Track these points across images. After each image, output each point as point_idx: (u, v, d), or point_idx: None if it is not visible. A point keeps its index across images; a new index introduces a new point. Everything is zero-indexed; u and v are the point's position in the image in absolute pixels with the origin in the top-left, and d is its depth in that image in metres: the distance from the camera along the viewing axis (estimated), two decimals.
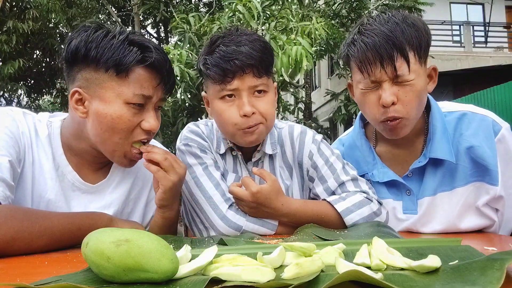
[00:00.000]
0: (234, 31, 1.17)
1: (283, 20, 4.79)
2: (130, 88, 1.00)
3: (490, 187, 1.12)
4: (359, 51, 1.09)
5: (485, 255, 0.63)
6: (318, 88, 16.33)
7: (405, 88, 1.08)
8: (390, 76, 1.07)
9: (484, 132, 1.14)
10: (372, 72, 1.08)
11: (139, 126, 1.03)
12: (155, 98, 1.05)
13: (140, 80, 1.01)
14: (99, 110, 1.00)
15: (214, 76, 1.11)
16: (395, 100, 1.07)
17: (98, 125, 1.01)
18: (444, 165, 1.16)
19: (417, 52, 1.08)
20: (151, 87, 1.03)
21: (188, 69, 4.69)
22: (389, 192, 1.22)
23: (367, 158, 1.27)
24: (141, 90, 1.01)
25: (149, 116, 1.04)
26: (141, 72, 1.01)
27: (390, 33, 1.06)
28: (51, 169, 1.08)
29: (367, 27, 1.10)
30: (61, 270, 0.74)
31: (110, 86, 1.00)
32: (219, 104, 1.14)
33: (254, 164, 1.27)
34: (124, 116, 1.00)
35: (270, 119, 1.16)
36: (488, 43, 13.54)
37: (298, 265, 0.58)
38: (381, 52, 1.05)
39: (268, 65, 1.14)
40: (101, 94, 1.00)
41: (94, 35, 1.00)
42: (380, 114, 1.11)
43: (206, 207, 1.14)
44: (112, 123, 1.00)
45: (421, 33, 1.09)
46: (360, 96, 1.16)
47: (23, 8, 8.13)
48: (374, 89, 1.11)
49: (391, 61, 1.05)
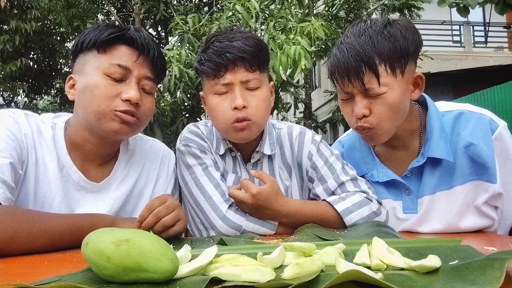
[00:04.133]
0: (229, 30, 1.19)
1: (282, 20, 4.79)
2: (108, 59, 1.06)
3: (489, 185, 1.13)
4: (332, 65, 1.13)
5: (485, 255, 0.63)
6: (318, 88, 16.33)
7: (377, 101, 1.09)
8: (359, 89, 1.09)
9: (482, 130, 1.14)
10: (343, 86, 1.12)
11: (119, 97, 1.05)
12: (136, 72, 1.07)
13: (119, 54, 1.07)
14: (81, 83, 1.07)
15: (208, 71, 1.14)
16: (366, 113, 1.10)
17: (82, 97, 1.07)
18: (442, 164, 1.16)
19: (389, 65, 1.07)
20: (129, 61, 1.07)
21: (187, 69, 4.69)
22: (389, 192, 1.23)
23: (366, 159, 1.27)
24: (117, 60, 1.06)
25: (129, 87, 1.06)
26: (120, 48, 1.08)
27: (360, 48, 1.07)
28: (56, 169, 1.09)
29: (345, 40, 1.12)
30: (61, 270, 0.74)
31: (91, 61, 1.07)
32: (213, 99, 1.16)
33: (253, 165, 1.27)
34: (100, 84, 1.04)
35: (261, 115, 1.16)
36: (488, 43, 13.53)
37: (298, 265, 0.58)
38: (348, 67, 1.08)
39: (261, 61, 1.16)
40: (84, 70, 1.07)
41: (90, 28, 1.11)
42: (353, 123, 1.15)
43: (206, 207, 1.14)
44: (90, 92, 1.05)
45: (397, 43, 1.07)
46: (340, 105, 1.21)
47: (25, 8, 8.13)
48: (349, 100, 1.14)
49: (358, 76, 1.07)
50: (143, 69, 1.09)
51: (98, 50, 1.06)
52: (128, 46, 1.08)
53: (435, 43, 11.95)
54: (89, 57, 1.08)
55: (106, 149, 1.15)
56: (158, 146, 1.31)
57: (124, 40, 1.08)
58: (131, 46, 1.08)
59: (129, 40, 1.07)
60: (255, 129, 1.17)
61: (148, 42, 1.09)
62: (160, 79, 1.18)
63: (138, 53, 1.08)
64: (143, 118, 1.11)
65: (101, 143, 1.12)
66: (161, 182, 1.25)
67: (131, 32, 1.08)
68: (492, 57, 12.33)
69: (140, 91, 1.09)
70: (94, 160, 1.14)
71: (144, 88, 1.10)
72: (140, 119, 1.09)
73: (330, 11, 8.49)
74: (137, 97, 1.05)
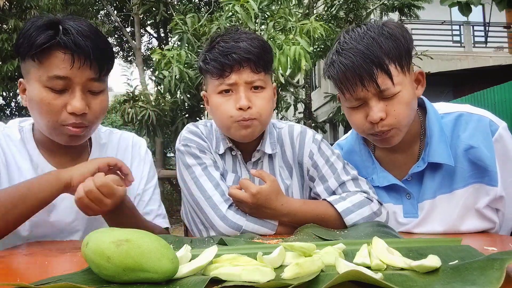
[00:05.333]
0: (234, 30, 1.20)
1: (281, 20, 4.79)
2: (45, 71, 1.01)
3: (490, 188, 1.11)
4: (338, 73, 1.08)
5: (485, 255, 0.63)
6: (318, 88, 16.33)
7: (393, 101, 1.07)
8: (374, 93, 1.06)
9: (482, 132, 1.13)
10: (354, 92, 1.07)
11: (65, 110, 1.03)
12: (78, 79, 1.03)
13: (55, 62, 1.01)
14: (29, 95, 1.05)
15: (213, 71, 1.14)
16: (383, 116, 1.07)
17: (31, 110, 1.06)
18: (442, 168, 1.15)
19: (398, 63, 1.06)
20: (67, 69, 1.01)
21: (187, 69, 4.69)
22: (389, 197, 1.22)
23: (366, 163, 1.26)
24: (55, 71, 1.01)
25: (73, 98, 1.03)
26: (55, 54, 1.01)
27: (367, 50, 1.04)
28: (30, 169, 1.11)
29: (344, 46, 1.08)
30: (61, 270, 0.74)
31: (31, 71, 1.03)
32: (217, 99, 1.16)
33: (254, 164, 1.27)
34: (45, 100, 1.02)
35: (265, 115, 1.17)
36: (488, 43, 13.52)
37: (298, 265, 0.58)
38: (360, 71, 1.04)
39: (266, 62, 1.17)
40: (28, 79, 1.05)
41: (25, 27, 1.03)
42: (368, 129, 1.11)
43: (206, 207, 1.14)
44: (37, 107, 1.03)
45: (400, 42, 1.07)
46: (347, 114, 1.17)
47: (24, 7, 8.13)
48: (360, 106, 1.10)
49: (372, 79, 1.04)
50: (84, 72, 1.03)
51: (33, 59, 1.01)
52: (62, 50, 1.01)
53: (435, 43, 11.94)
54: (28, 66, 1.04)
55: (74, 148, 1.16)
56: (127, 137, 1.33)
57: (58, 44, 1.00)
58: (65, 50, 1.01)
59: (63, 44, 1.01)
60: (259, 128, 1.17)
61: (79, 44, 1.01)
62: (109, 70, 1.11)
63: (72, 58, 1.01)
64: (93, 121, 1.09)
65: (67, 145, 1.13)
66: (133, 168, 1.26)
67: (59, 36, 1.00)
68: (492, 57, 12.32)
69: (87, 94, 1.06)
70: (65, 154, 1.16)
71: (92, 89, 1.07)
72: (89, 125, 1.08)
73: (330, 11, 8.50)
74: (81, 107, 1.03)
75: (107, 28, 10.08)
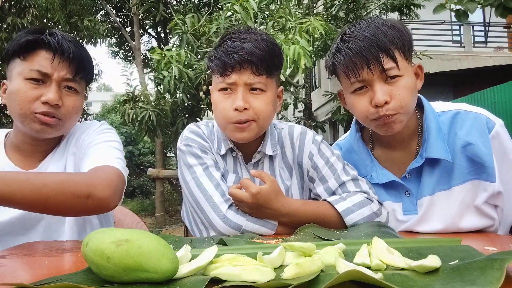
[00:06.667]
0: (246, 30, 1.20)
1: (281, 19, 4.79)
2: (28, 65, 1.13)
3: (487, 184, 1.13)
4: (345, 57, 1.11)
5: (485, 255, 0.63)
6: (318, 88, 16.33)
7: (397, 85, 1.09)
8: (379, 75, 1.09)
9: (478, 129, 1.15)
10: (360, 76, 1.10)
11: (39, 100, 1.13)
12: (56, 75, 1.14)
13: (38, 60, 1.14)
14: (9, 89, 1.16)
15: (215, 69, 1.16)
16: (388, 99, 1.09)
17: (9, 102, 1.16)
18: (440, 165, 1.16)
19: (402, 51, 1.10)
20: (48, 65, 1.13)
21: (187, 69, 4.69)
22: (388, 194, 1.23)
23: (365, 161, 1.27)
24: (36, 66, 1.13)
25: (49, 90, 1.13)
26: (39, 53, 1.14)
27: (373, 36, 1.08)
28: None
29: (350, 34, 1.12)
30: (61, 270, 0.74)
31: (15, 68, 1.15)
32: (217, 96, 1.18)
33: (254, 165, 1.27)
34: (22, 89, 1.12)
35: (264, 118, 1.16)
36: (488, 43, 13.52)
37: (298, 265, 0.59)
38: (367, 55, 1.07)
39: (270, 65, 1.15)
40: (11, 77, 1.16)
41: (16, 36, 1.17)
42: (371, 114, 1.12)
43: (206, 207, 1.14)
44: (13, 97, 1.13)
45: (403, 33, 1.11)
46: (350, 101, 1.17)
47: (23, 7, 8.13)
48: (364, 91, 1.12)
49: (378, 62, 1.07)
50: (62, 71, 1.15)
51: (19, 57, 1.14)
52: (46, 50, 1.14)
53: (435, 43, 11.94)
54: (14, 64, 1.16)
55: (43, 147, 1.23)
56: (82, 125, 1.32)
57: (43, 45, 1.14)
58: (49, 50, 1.14)
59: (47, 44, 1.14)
60: (256, 131, 1.17)
61: (62, 44, 1.14)
62: (86, 76, 1.23)
63: (53, 56, 1.14)
64: (66, 117, 1.17)
65: (37, 143, 1.22)
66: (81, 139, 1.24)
67: (44, 36, 1.14)
68: (492, 57, 12.32)
69: (62, 91, 1.16)
70: (34, 157, 1.23)
71: (67, 88, 1.17)
72: (62, 118, 1.16)
73: (330, 12, 8.50)
74: (54, 98, 1.12)
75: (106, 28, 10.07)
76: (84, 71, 1.21)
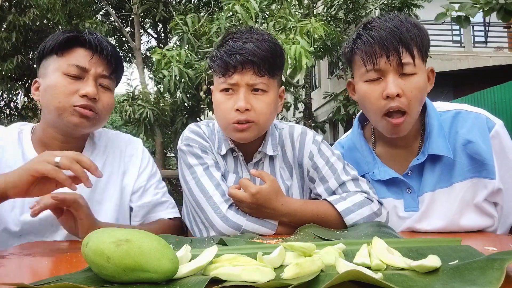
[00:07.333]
0: (248, 30, 1.19)
1: (281, 19, 4.78)
2: (66, 61, 1.16)
3: (487, 181, 1.14)
4: (365, 44, 1.12)
5: (485, 255, 0.63)
6: (318, 88, 16.33)
7: (410, 82, 1.10)
8: (395, 67, 1.10)
9: (479, 129, 1.16)
10: (377, 64, 1.11)
11: (77, 94, 1.14)
12: (93, 71, 1.17)
13: (75, 56, 1.17)
14: (44, 85, 1.17)
15: (217, 69, 1.16)
16: (400, 92, 1.10)
17: (44, 97, 1.16)
18: (442, 162, 1.18)
19: (420, 50, 1.12)
20: (86, 61, 1.17)
21: (187, 69, 4.69)
22: (390, 191, 1.23)
23: (367, 159, 1.28)
24: (74, 61, 1.16)
25: (86, 84, 1.15)
26: (76, 50, 1.18)
27: (396, 29, 1.10)
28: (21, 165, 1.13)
29: (373, 24, 1.14)
30: (61, 270, 0.74)
31: (52, 65, 1.17)
32: (219, 96, 1.18)
33: (255, 165, 1.27)
34: (60, 83, 1.14)
35: (264, 119, 1.16)
36: (488, 43, 13.52)
37: (298, 265, 0.58)
38: (387, 44, 1.09)
39: (272, 66, 1.15)
40: (46, 73, 1.17)
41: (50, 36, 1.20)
42: (382, 106, 1.12)
43: (206, 207, 1.14)
44: (51, 91, 1.14)
45: (423, 33, 1.13)
46: (362, 90, 1.17)
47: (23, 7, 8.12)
48: (378, 81, 1.13)
49: (397, 53, 1.09)
50: (99, 67, 1.18)
51: (57, 54, 1.17)
52: (83, 48, 1.18)
53: (435, 43, 11.92)
54: (50, 61, 1.17)
55: (72, 145, 1.22)
56: (123, 136, 1.38)
57: (80, 44, 1.18)
58: (86, 48, 1.18)
59: (84, 42, 1.17)
60: (256, 131, 1.17)
61: (101, 43, 1.18)
62: (118, 76, 1.27)
63: (93, 53, 1.17)
64: (102, 112, 1.19)
65: (67, 140, 1.21)
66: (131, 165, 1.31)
67: (84, 34, 1.18)
68: (492, 57, 12.32)
69: (98, 87, 1.18)
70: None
71: (102, 85, 1.19)
72: (98, 113, 1.18)
73: (329, 12, 8.50)
74: (93, 92, 1.15)
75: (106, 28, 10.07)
76: (118, 71, 1.25)
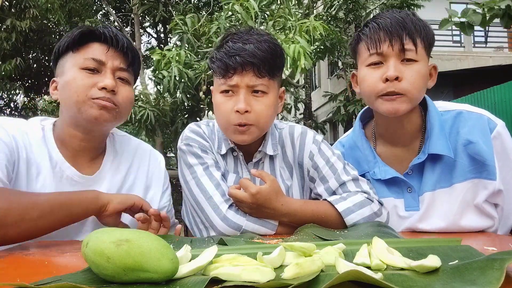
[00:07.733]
0: (247, 30, 1.18)
1: (281, 19, 4.79)
2: (82, 55, 1.14)
3: (488, 182, 1.14)
4: (371, 30, 1.16)
5: (485, 255, 0.63)
6: (318, 88, 16.32)
7: (411, 68, 1.12)
8: (397, 53, 1.12)
9: (480, 129, 1.16)
10: (380, 48, 1.13)
11: (95, 87, 1.12)
12: (110, 64, 1.15)
13: (91, 50, 1.15)
14: (61, 82, 1.15)
15: (217, 70, 1.15)
16: (399, 76, 1.11)
17: (63, 93, 1.14)
18: (442, 161, 1.18)
19: (423, 41, 1.14)
20: (102, 54, 1.15)
21: (187, 69, 4.69)
22: (390, 191, 1.23)
23: (367, 157, 1.28)
24: (91, 55, 1.14)
25: (105, 77, 1.13)
26: (92, 45, 1.16)
27: (401, 19, 1.14)
28: (48, 167, 1.13)
29: (381, 15, 1.19)
30: (61, 270, 0.74)
31: (68, 61, 1.15)
32: (219, 97, 1.17)
33: (255, 165, 1.27)
34: (78, 77, 1.12)
35: (264, 121, 1.16)
36: (488, 43, 13.52)
37: (298, 265, 0.58)
38: (392, 30, 1.12)
39: (272, 67, 1.14)
40: (64, 71, 1.15)
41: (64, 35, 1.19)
42: (380, 89, 1.14)
43: (206, 207, 1.14)
44: (69, 86, 1.12)
45: (429, 29, 1.16)
46: (362, 74, 1.19)
47: (23, 7, 8.12)
48: (379, 66, 1.15)
49: (400, 39, 1.11)
50: (116, 60, 1.16)
51: (72, 50, 1.15)
52: (99, 42, 1.16)
53: (435, 43, 11.92)
54: (66, 59, 1.16)
55: (93, 143, 1.20)
56: (146, 147, 1.37)
57: (95, 38, 1.16)
58: (101, 42, 1.16)
59: (99, 36, 1.15)
60: (256, 133, 1.17)
61: (116, 35, 1.17)
62: (136, 69, 1.25)
63: (108, 46, 1.15)
64: (122, 105, 1.16)
65: (88, 138, 1.18)
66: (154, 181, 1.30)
67: (99, 28, 1.17)
68: (492, 57, 12.32)
69: (116, 80, 1.16)
70: (83, 155, 1.19)
71: (120, 77, 1.17)
72: (118, 106, 1.15)
73: (329, 12, 8.50)
74: (112, 84, 1.12)
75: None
76: (135, 63, 1.23)
